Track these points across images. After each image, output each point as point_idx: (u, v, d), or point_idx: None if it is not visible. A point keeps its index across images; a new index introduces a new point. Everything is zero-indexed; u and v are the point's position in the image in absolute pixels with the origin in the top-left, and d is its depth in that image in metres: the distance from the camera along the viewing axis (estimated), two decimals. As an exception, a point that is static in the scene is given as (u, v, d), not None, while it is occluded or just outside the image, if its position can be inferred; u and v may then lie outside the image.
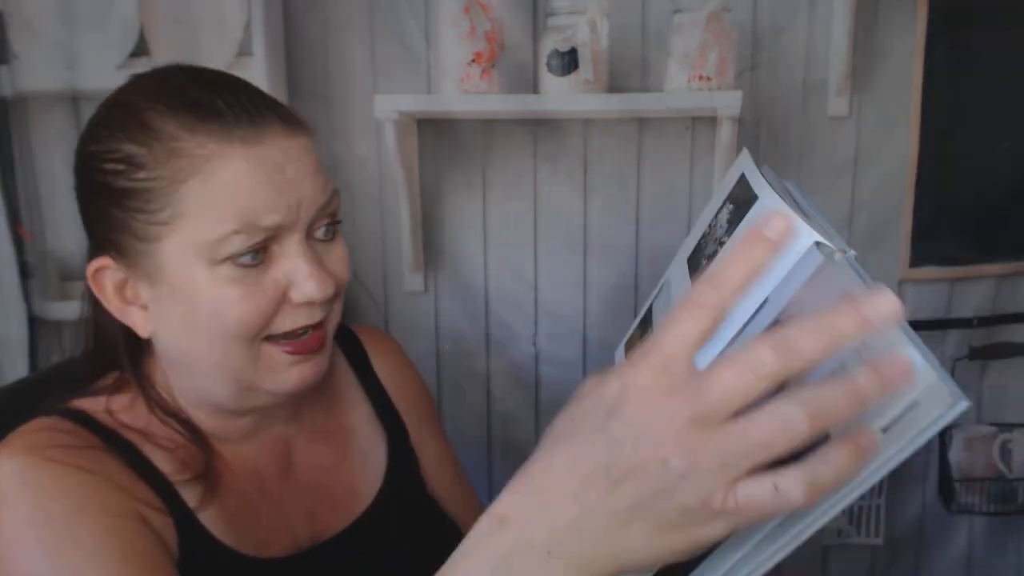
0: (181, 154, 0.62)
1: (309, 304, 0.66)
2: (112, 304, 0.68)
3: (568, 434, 0.43)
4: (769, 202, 0.56)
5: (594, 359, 1.34)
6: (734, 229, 0.61)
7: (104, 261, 0.67)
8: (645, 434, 0.40)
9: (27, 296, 1.25)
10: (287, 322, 0.66)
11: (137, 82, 0.68)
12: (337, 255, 0.69)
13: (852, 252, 0.49)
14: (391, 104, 1.23)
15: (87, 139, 0.68)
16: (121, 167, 0.64)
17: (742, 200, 0.62)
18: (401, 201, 1.26)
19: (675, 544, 0.41)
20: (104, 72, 1.17)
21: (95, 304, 0.70)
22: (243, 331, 0.65)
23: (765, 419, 0.38)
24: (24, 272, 1.25)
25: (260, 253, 0.64)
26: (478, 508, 0.93)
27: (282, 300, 0.65)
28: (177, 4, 1.17)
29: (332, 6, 1.21)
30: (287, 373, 0.68)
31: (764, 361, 0.38)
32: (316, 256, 0.66)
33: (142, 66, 1.17)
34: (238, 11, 1.17)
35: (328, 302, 0.68)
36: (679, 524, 0.40)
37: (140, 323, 0.68)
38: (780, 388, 0.45)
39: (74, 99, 1.19)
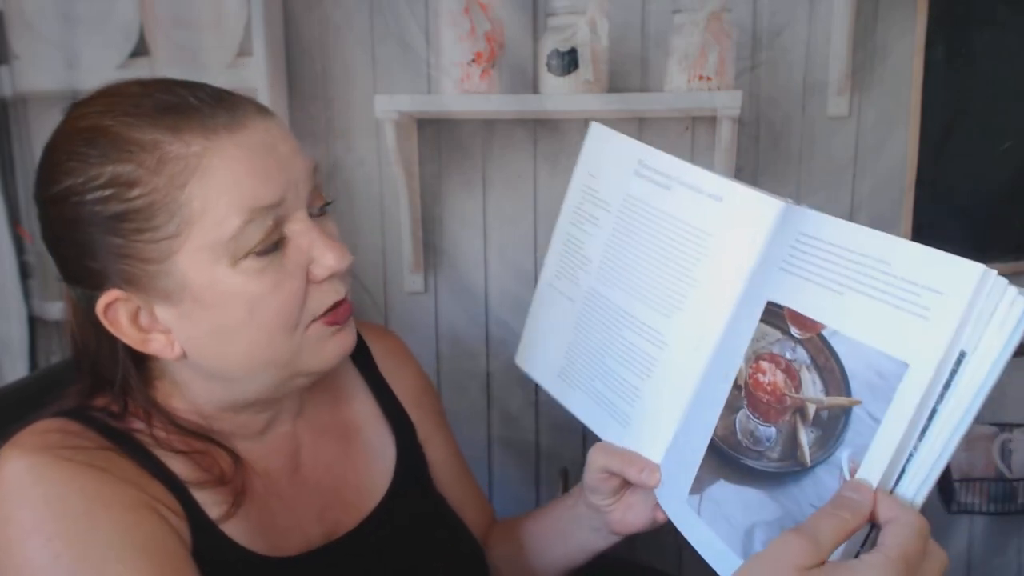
0: (172, 158, 0.60)
1: (331, 279, 0.66)
2: (130, 336, 0.64)
3: None
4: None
5: (594, 359, 1.33)
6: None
7: (112, 295, 0.63)
8: None
9: (27, 296, 1.25)
10: (317, 303, 0.65)
11: (85, 107, 0.64)
12: (332, 231, 0.68)
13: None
14: (391, 104, 1.23)
15: (50, 180, 0.63)
16: (109, 191, 0.60)
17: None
18: (401, 201, 1.27)
19: None
20: (104, 72, 1.17)
21: (82, 331, 0.68)
22: (284, 320, 0.64)
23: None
24: (24, 272, 1.25)
25: (275, 238, 0.63)
26: (483, 502, 0.93)
27: (308, 280, 0.65)
28: (177, 4, 1.17)
29: (332, 6, 1.21)
30: (327, 346, 0.67)
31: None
32: (324, 229, 0.66)
33: (142, 66, 1.17)
34: (238, 11, 1.17)
35: (347, 273, 0.67)
36: None
37: (165, 347, 0.65)
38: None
39: (74, 99, 1.19)
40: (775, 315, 0.60)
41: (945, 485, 1.41)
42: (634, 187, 0.74)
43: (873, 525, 0.51)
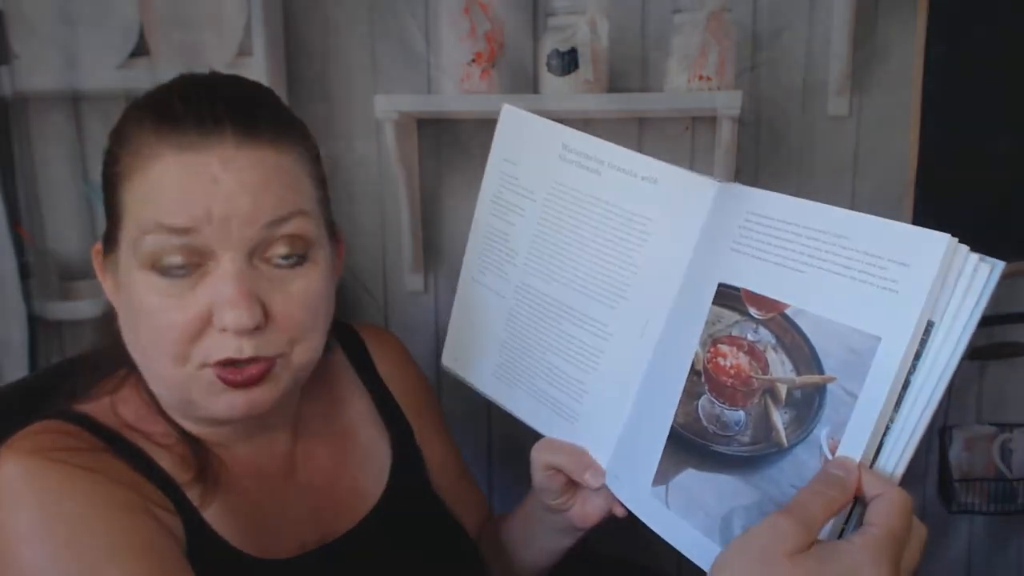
0: (133, 154, 0.64)
1: (236, 333, 0.62)
2: (106, 287, 0.70)
3: None
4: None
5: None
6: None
7: (100, 247, 0.70)
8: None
9: (27, 296, 1.25)
10: (213, 349, 0.62)
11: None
12: (295, 290, 0.64)
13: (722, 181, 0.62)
14: (391, 104, 1.23)
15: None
16: (106, 161, 0.67)
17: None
18: (401, 201, 1.26)
19: None
20: (104, 72, 1.17)
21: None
22: (164, 347, 0.63)
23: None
24: (24, 272, 1.24)
25: (190, 266, 0.62)
26: (482, 503, 0.93)
27: (207, 323, 0.62)
28: (177, 4, 1.17)
29: (332, 6, 1.21)
30: (218, 399, 0.64)
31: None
32: (249, 282, 0.62)
33: (142, 66, 1.17)
34: (238, 11, 1.17)
35: (265, 338, 0.63)
36: None
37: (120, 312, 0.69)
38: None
39: (74, 99, 1.19)
40: (730, 297, 0.59)
41: (945, 485, 1.41)
42: (561, 173, 0.72)
43: (857, 500, 0.51)
